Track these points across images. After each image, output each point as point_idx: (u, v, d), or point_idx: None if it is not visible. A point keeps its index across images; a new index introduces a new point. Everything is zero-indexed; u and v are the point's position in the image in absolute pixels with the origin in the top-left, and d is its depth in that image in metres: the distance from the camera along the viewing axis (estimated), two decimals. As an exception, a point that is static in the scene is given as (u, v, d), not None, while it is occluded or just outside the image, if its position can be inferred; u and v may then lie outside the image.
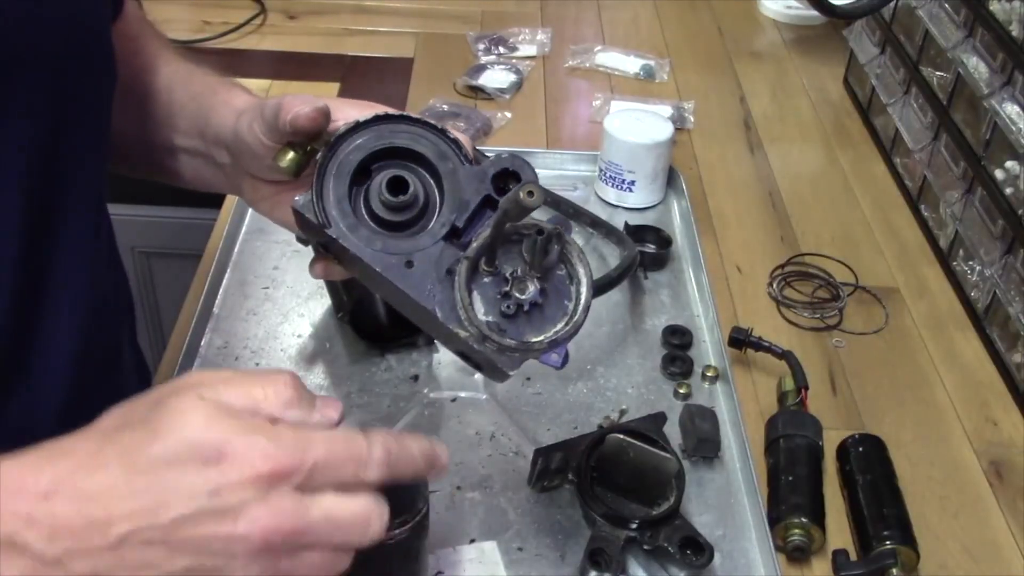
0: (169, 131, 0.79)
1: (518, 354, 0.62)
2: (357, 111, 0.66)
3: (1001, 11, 1.05)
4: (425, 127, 0.63)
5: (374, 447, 0.50)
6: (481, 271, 0.62)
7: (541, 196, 0.56)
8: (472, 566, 0.78)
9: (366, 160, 0.62)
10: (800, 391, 0.94)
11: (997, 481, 0.92)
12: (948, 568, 0.84)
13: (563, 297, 0.63)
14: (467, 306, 0.60)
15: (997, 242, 1.04)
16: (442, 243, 0.62)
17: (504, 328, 0.61)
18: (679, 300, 1.07)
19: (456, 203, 0.62)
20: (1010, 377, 1.02)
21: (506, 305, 0.61)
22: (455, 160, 0.63)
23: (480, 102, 1.42)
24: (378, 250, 0.61)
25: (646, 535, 0.78)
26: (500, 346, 0.61)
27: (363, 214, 0.62)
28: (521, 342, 0.61)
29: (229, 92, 0.76)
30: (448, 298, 0.61)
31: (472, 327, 0.60)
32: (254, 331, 0.99)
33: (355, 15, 1.64)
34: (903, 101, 1.29)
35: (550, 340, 0.62)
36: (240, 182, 0.74)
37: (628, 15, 1.71)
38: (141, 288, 1.56)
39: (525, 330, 0.62)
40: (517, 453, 0.88)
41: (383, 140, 0.63)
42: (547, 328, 0.62)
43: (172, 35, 1.47)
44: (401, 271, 0.61)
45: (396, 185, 0.61)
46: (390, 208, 0.62)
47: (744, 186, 1.30)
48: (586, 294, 0.63)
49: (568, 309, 0.63)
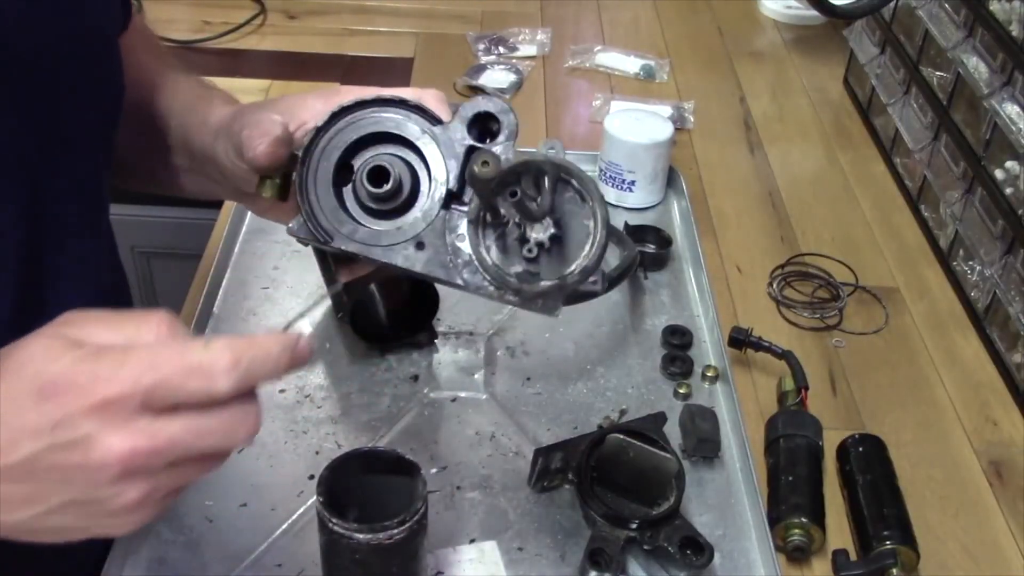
0: (164, 148, 0.78)
1: (556, 292, 0.61)
2: (321, 102, 0.65)
3: (1001, 11, 1.05)
4: (382, 104, 0.62)
5: (216, 355, 0.48)
6: (490, 224, 0.60)
7: (496, 164, 0.55)
8: (472, 566, 0.78)
9: (341, 160, 0.61)
10: (800, 391, 0.94)
11: (997, 481, 0.92)
12: (948, 568, 0.84)
13: (580, 218, 0.61)
14: (489, 266, 0.59)
15: (997, 242, 1.04)
16: (444, 212, 0.61)
17: (534, 271, 0.60)
18: (679, 300, 1.07)
19: (443, 166, 0.61)
20: (1010, 377, 1.02)
21: (527, 249, 0.59)
22: (425, 125, 0.61)
23: (480, 102, 1.42)
24: (386, 244, 0.60)
25: (646, 535, 0.78)
26: (535, 292, 0.60)
27: (358, 210, 0.62)
28: (554, 281, 0.60)
29: (208, 106, 0.75)
30: (470, 264, 0.60)
31: (502, 283, 0.59)
32: (254, 331, 0.99)
33: (355, 15, 1.64)
34: (903, 101, 1.29)
35: (581, 268, 0.60)
36: (238, 195, 0.74)
37: (628, 15, 1.71)
38: (141, 288, 1.56)
39: (554, 265, 0.60)
40: (517, 453, 0.88)
41: (349, 135, 0.61)
42: (576, 254, 0.60)
43: (172, 35, 1.49)
44: (416, 256, 0.60)
45: (378, 175, 0.60)
46: (379, 199, 0.61)
47: (744, 186, 1.30)
48: (600, 210, 0.60)
49: (589, 228, 0.61)
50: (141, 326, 0.49)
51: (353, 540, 0.62)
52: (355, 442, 0.87)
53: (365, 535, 0.62)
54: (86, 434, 0.46)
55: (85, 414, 0.46)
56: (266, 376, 0.50)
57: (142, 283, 1.55)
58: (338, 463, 0.65)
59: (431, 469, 0.85)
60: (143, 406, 0.47)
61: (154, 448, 0.47)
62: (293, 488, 0.82)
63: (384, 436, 0.88)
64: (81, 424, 0.46)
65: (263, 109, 0.67)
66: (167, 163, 0.79)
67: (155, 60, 0.83)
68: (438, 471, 0.85)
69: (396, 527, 0.62)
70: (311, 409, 0.91)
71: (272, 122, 0.63)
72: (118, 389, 0.46)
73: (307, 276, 1.04)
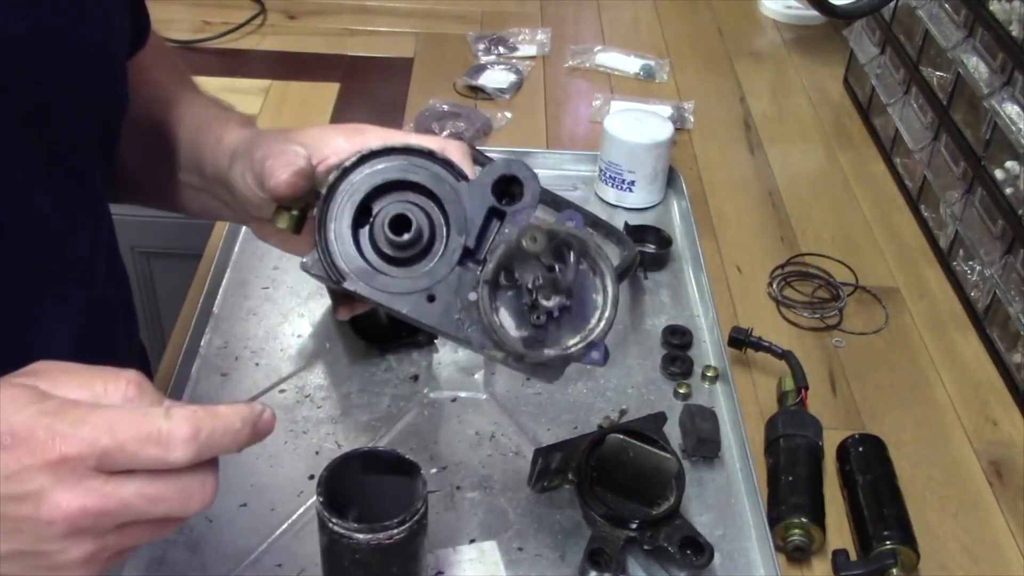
0: (173, 165, 0.78)
1: (558, 362, 0.62)
2: (343, 138, 0.65)
3: (1001, 11, 1.05)
4: (412, 154, 0.62)
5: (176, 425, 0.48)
6: (502, 287, 0.61)
7: (544, 240, 0.57)
8: (472, 566, 0.78)
9: (363, 202, 0.62)
10: (800, 391, 0.94)
11: (997, 481, 0.92)
12: (948, 568, 0.84)
13: (591, 292, 0.62)
14: (497, 328, 0.60)
15: (997, 242, 1.04)
16: (458, 268, 0.61)
17: (539, 338, 0.61)
18: (679, 300, 1.07)
19: (461, 223, 0.61)
20: (1010, 377, 1.02)
21: (535, 316, 0.60)
22: (450, 180, 0.62)
23: (480, 102, 1.42)
24: (397, 292, 0.61)
25: (646, 535, 0.78)
26: (538, 361, 0.61)
27: (372, 254, 0.62)
28: (558, 352, 0.61)
29: (224, 127, 0.75)
30: (477, 323, 0.61)
31: (507, 347, 0.60)
32: (254, 331, 0.99)
33: (355, 15, 1.64)
34: (903, 101, 1.29)
35: (587, 342, 0.62)
36: (245, 219, 0.74)
37: (628, 15, 1.71)
38: (141, 288, 1.56)
39: (560, 335, 0.61)
40: (517, 453, 0.88)
41: (375, 179, 0.62)
42: (581, 327, 0.62)
43: (172, 35, 1.49)
44: (426, 308, 0.61)
45: (400, 224, 0.61)
46: (397, 247, 0.61)
47: (744, 186, 1.30)
48: (612, 287, 0.62)
49: (598, 303, 0.62)
50: (109, 384, 0.50)
51: (353, 540, 0.62)
52: (355, 442, 0.87)
53: (365, 535, 0.62)
54: (39, 488, 0.46)
55: (40, 468, 0.46)
56: (225, 449, 0.50)
57: (142, 283, 1.55)
58: (338, 463, 0.65)
59: (431, 469, 0.85)
60: (98, 467, 0.47)
61: (104, 509, 0.47)
62: (293, 488, 0.83)
63: (384, 436, 0.88)
64: (34, 478, 0.46)
65: (286, 139, 0.66)
66: (174, 181, 0.78)
67: (170, 78, 0.82)
68: (438, 471, 0.85)
69: (396, 527, 0.62)
70: (311, 409, 0.91)
71: (296, 154, 0.63)
72: (75, 448, 0.46)
73: (307, 277, 1.04)
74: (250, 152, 0.67)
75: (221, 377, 0.94)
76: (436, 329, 0.61)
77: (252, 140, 0.69)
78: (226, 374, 0.94)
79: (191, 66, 0.88)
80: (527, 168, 0.62)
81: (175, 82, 0.82)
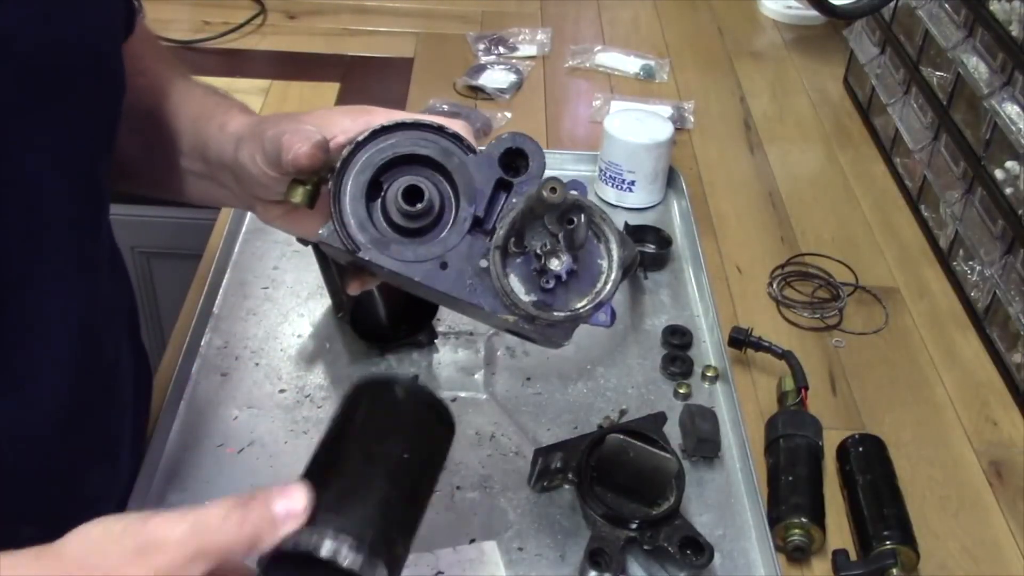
0: (174, 153, 0.78)
1: (568, 323, 0.64)
2: (349, 119, 0.66)
3: (1001, 11, 1.05)
4: (422, 128, 0.64)
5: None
6: (511, 253, 0.63)
7: (564, 191, 0.58)
8: (472, 566, 0.78)
9: (375, 175, 0.64)
10: (800, 391, 0.94)
11: (997, 481, 0.92)
12: (948, 568, 0.84)
13: (596, 256, 0.64)
14: (509, 292, 0.62)
15: (997, 242, 1.04)
16: (468, 236, 0.63)
17: (548, 302, 0.63)
18: (679, 300, 1.07)
19: (471, 194, 0.64)
20: (1010, 377, 1.02)
21: (544, 280, 0.62)
22: (459, 154, 0.64)
23: (480, 102, 1.42)
24: (410, 260, 0.63)
25: (646, 535, 0.78)
26: (549, 322, 0.63)
27: (384, 226, 0.64)
28: (568, 313, 0.63)
29: (226, 114, 0.76)
30: (489, 288, 0.63)
31: (519, 311, 0.62)
32: (254, 331, 0.99)
33: (355, 15, 1.64)
34: (903, 101, 1.29)
35: (594, 303, 0.63)
36: (249, 203, 0.74)
37: (628, 15, 1.71)
38: (141, 288, 1.56)
39: (568, 298, 0.63)
40: (517, 453, 0.88)
41: (387, 153, 0.64)
42: (588, 290, 0.64)
43: (172, 35, 1.49)
44: (439, 275, 0.63)
45: (412, 194, 0.63)
46: (409, 217, 0.63)
47: (744, 186, 1.30)
48: (617, 250, 0.64)
49: (603, 267, 0.64)
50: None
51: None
52: (355, 442, 0.87)
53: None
54: None
55: None
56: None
57: (142, 283, 1.55)
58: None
59: (431, 469, 0.85)
60: None
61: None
62: (293, 488, 0.82)
63: (384, 436, 0.88)
64: None
65: (295, 119, 0.68)
66: (175, 168, 0.79)
67: (164, 67, 0.83)
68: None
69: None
70: (311, 409, 0.91)
71: (311, 130, 0.65)
72: None
73: (307, 276, 1.04)
74: (258, 134, 0.68)
75: (221, 377, 0.94)
76: (448, 295, 0.63)
77: (259, 124, 0.71)
78: (226, 374, 0.94)
79: (191, 66, 0.88)
80: (533, 142, 0.64)
81: (168, 70, 0.83)
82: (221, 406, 0.91)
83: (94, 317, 0.73)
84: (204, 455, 0.86)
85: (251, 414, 0.91)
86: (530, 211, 0.61)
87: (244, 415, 0.91)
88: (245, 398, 0.92)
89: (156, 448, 0.86)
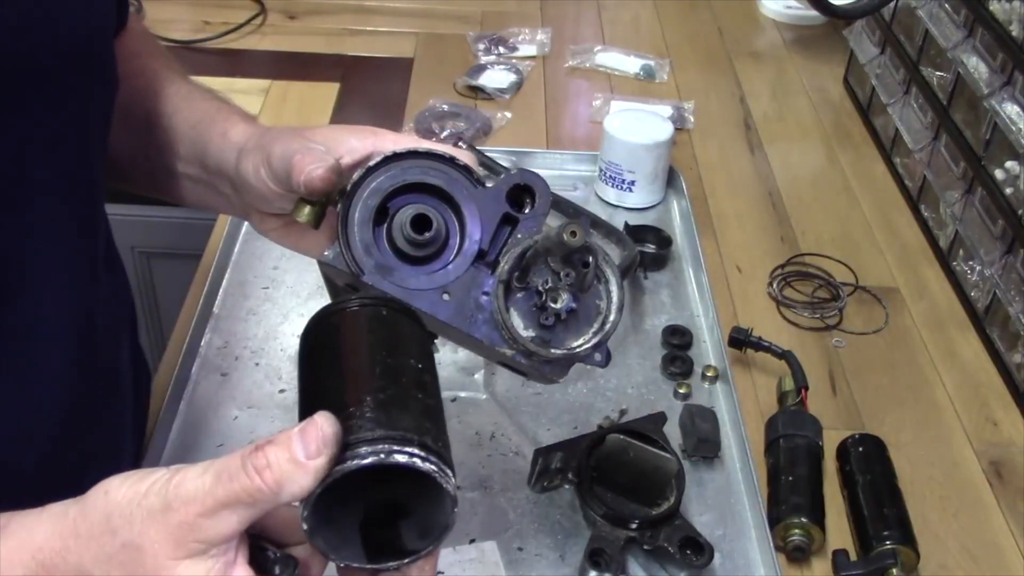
0: (171, 156, 0.78)
1: (564, 361, 0.65)
2: (356, 139, 0.66)
3: (1001, 11, 1.05)
4: (433, 158, 0.65)
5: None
6: (514, 288, 0.63)
7: (583, 235, 0.59)
8: (472, 566, 0.78)
9: (383, 201, 0.64)
10: (800, 391, 0.94)
11: (997, 481, 0.92)
12: (948, 568, 0.84)
13: (595, 298, 0.65)
14: (509, 326, 0.63)
15: (997, 242, 1.04)
16: (472, 268, 0.64)
17: (546, 339, 0.63)
18: (679, 300, 1.07)
19: (476, 226, 0.64)
20: (1010, 377, 1.02)
21: (544, 317, 0.63)
22: (468, 186, 0.65)
23: (480, 102, 1.42)
24: (413, 288, 0.63)
25: (646, 535, 0.78)
26: (547, 359, 0.63)
27: (388, 252, 0.64)
28: (565, 351, 0.64)
29: (227, 121, 0.75)
30: (488, 321, 0.63)
31: (517, 345, 0.63)
32: (254, 331, 0.99)
33: (355, 15, 1.64)
34: (903, 101, 1.29)
35: (592, 343, 0.64)
36: (246, 212, 0.74)
37: (628, 15, 1.71)
38: (141, 288, 1.56)
39: (566, 337, 0.64)
40: (517, 453, 0.88)
41: (397, 180, 0.64)
42: (585, 330, 0.64)
43: (172, 35, 1.49)
44: (440, 304, 0.63)
45: (421, 223, 0.63)
46: (415, 244, 0.64)
47: (744, 186, 1.30)
48: (617, 292, 0.65)
49: (602, 308, 0.65)
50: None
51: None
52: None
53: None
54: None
55: None
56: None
57: (142, 283, 1.55)
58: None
59: (431, 469, 0.85)
60: None
61: None
62: (293, 488, 0.82)
63: (384, 436, 0.88)
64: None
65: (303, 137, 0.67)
66: (171, 172, 0.78)
67: (163, 68, 0.82)
68: (438, 471, 0.85)
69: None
70: (311, 409, 0.91)
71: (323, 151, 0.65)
72: None
73: (307, 276, 1.04)
74: (264, 147, 0.67)
75: (221, 377, 0.94)
76: (448, 325, 0.64)
77: (263, 136, 0.70)
78: (226, 374, 0.94)
79: (191, 66, 0.88)
80: (541, 179, 0.65)
81: (167, 71, 0.82)
82: (221, 406, 0.91)
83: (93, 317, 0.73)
84: (204, 455, 0.86)
85: (251, 414, 0.91)
86: (545, 251, 0.62)
87: (244, 415, 0.91)
88: (245, 398, 0.92)
89: (156, 448, 0.86)
